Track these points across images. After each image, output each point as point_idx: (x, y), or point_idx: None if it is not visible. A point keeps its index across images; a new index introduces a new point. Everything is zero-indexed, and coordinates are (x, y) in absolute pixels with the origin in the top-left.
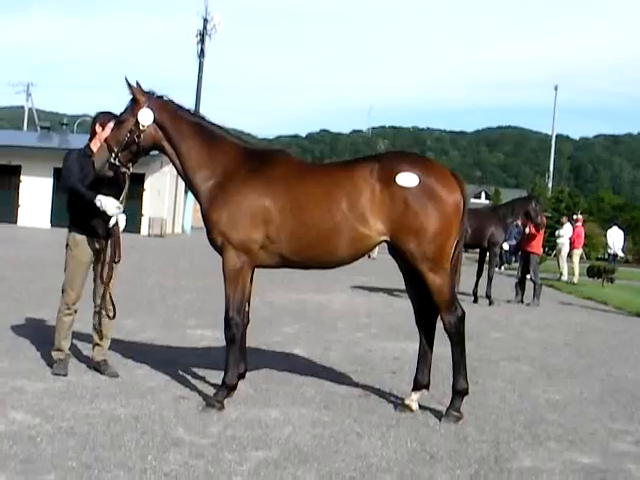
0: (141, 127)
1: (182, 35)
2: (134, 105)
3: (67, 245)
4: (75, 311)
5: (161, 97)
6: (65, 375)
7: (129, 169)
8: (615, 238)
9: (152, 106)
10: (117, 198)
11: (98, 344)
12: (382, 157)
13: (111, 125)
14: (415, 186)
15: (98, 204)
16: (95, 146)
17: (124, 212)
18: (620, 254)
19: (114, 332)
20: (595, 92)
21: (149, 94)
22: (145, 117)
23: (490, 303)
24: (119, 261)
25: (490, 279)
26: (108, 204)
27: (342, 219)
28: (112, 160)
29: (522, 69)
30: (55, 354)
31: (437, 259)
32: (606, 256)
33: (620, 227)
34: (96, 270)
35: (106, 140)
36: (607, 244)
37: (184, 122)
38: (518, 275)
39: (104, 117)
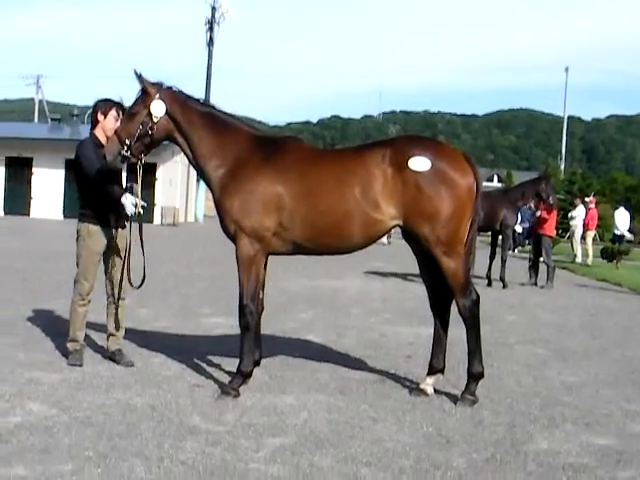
0: (154, 119)
1: (191, 23)
2: (145, 97)
3: (78, 236)
4: (89, 301)
5: (170, 88)
6: (81, 365)
7: (141, 160)
8: (621, 219)
9: (163, 97)
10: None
11: (112, 334)
12: (394, 142)
13: (113, 113)
14: (427, 170)
15: (124, 200)
16: (100, 134)
17: (143, 202)
18: (627, 235)
19: (128, 321)
20: (607, 72)
21: (159, 85)
22: (158, 109)
23: (504, 286)
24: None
25: (503, 262)
26: (128, 203)
27: (355, 205)
28: (124, 152)
29: (533, 51)
30: (70, 345)
31: (451, 243)
32: (612, 237)
33: (627, 208)
34: (108, 260)
35: (116, 132)
36: (614, 225)
37: (194, 112)
38: (531, 258)
39: (105, 105)
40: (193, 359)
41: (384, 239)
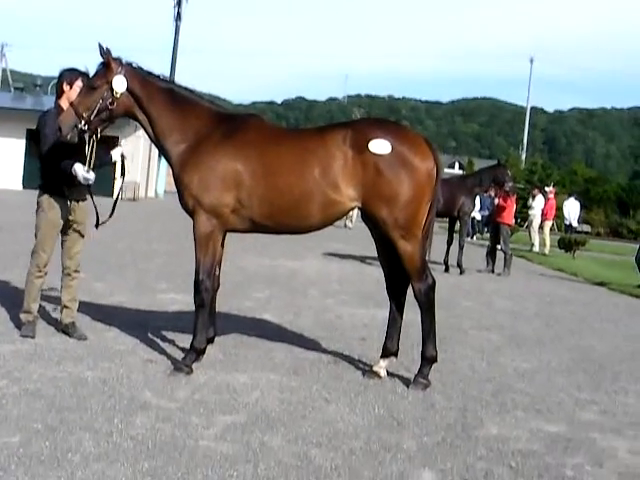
0: (115, 94)
1: None
2: (107, 71)
3: (38, 207)
4: (45, 273)
5: (130, 64)
6: (33, 337)
7: (97, 135)
8: (571, 209)
9: (125, 73)
10: (83, 161)
11: (67, 306)
12: (355, 124)
13: (79, 83)
14: (387, 153)
15: (74, 173)
16: (64, 104)
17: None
18: (575, 224)
19: (84, 295)
20: (570, 66)
21: (119, 60)
22: (119, 84)
23: (461, 272)
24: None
25: (461, 248)
26: (80, 171)
27: (314, 185)
28: (82, 126)
29: (498, 40)
30: (24, 316)
31: (408, 227)
32: (563, 227)
33: (577, 199)
34: (67, 233)
35: (72, 104)
36: (563, 215)
37: (155, 88)
38: (489, 245)
39: (70, 75)
40: (147, 334)
41: (349, 223)
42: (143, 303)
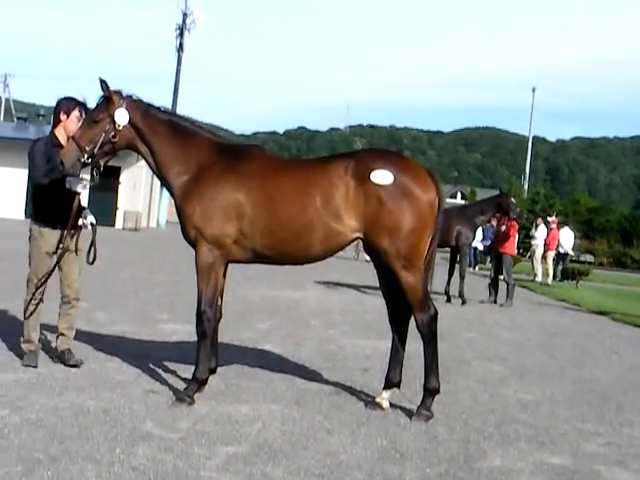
0: (117, 127)
1: (161, 28)
2: (108, 104)
3: (30, 235)
4: (42, 301)
5: (131, 96)
6: (35, 367)
7: (100, 168)
8: (566, 238)
9: (126, 106)
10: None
11: (63, 334)
12: (357, 154)
13: (76, 113)
14: (389, 184)
15: (68, 185)
16: (60, 134)
17: (92, 211)
18: (570, 253)
19: (86, 325)
20: (572, 95)
21: (119, 93)
22: (121, 117)
23: (463, 302)
24: (94, 262)
25: (462, 278)
26: (74, 182)
27: (316, 215)
28: (85, 159)
29: (500, 70)
30: (25, 346)
31: (410, 257)
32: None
33: (571, 229)
34: (62, 261)
35: (74, 138)
36: (559, 243)
37: (156, 120)
38: (491, 275)
39: (68, 104)
40: (149, 364)
41: (366, 255)
42: (145, 333)
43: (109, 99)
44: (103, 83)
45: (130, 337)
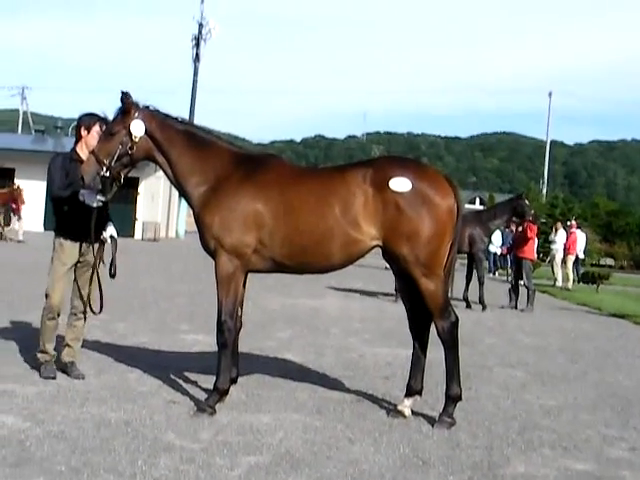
0: (134, 138)
1: (177, 39)
2: (124, 116)
3: (53, 248)
4: (58, 314)
5: (147, 107)
6: (54, 378)
7: (120, 181)
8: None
9: (142, 117)
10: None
11: (68, 345)
12: (375, 162)
13: (97, 129)
14: (408, 191)
15: (81, 198)
16: (81, 150)
17: (114, 223)
18: (581, 256)
19: (106, 336)
20: (589, 98)
21: (136, 104)
22: (137, 128)
23: (483, 308)
24: (114, 275)
25: (481, 284)
26: (87, 196)
27: (335, 224)
28: (103, 172)
29: (517, 75)
30: (41, 356)
31: (430, 264)
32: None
33: (582, 231)
34: (79, 273)
35: (94, 152)
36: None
37: (173, 130)
38: (511, 281)
39: (89, 120)
40: (170, 375)
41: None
42: (165, 344)
43: (125, 111)
44: (125, 95)
45: (150, 348)
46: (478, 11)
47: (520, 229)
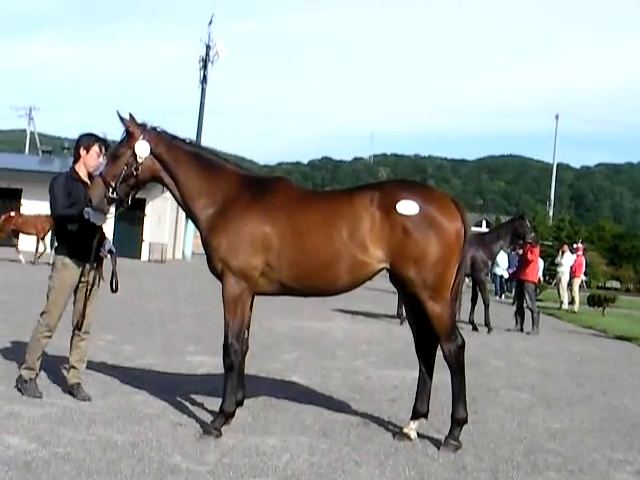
0: (138, 159)
1: (185, 61)
2: (129, 138)
3: (53, 267)
4: (52, 334)
5: (155, 128)
6: (40, 397)
7: (127, 202)
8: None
9: (148, 138)
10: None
11: (74, 367)
12: (382, 185)
13: (96, 149)
14: (415, 214)
15: (86, 216)
16: (80, 169)
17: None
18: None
19: (112, 358)
20: (596, 121)
21: (143, 125)
22: (142, 149)
23: (489, 331)
24: (117, 290)
25: (486, 306)
26: (92, 215)
27: (342, 247)
28: (110, 194)
29: (523, 98)
30: (26, 373)
31: (437, 287)
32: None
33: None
34: (79, 293)
35: (101, 175)
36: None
37: (181, 152)
38: (515, 303)
39: (88, 140)
40: (176, 397)
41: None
42: (172, 366)
43: (130, 132)
44: (121, 117)
45: (157, 370)
46: (485, 34)
47: (520, 251)
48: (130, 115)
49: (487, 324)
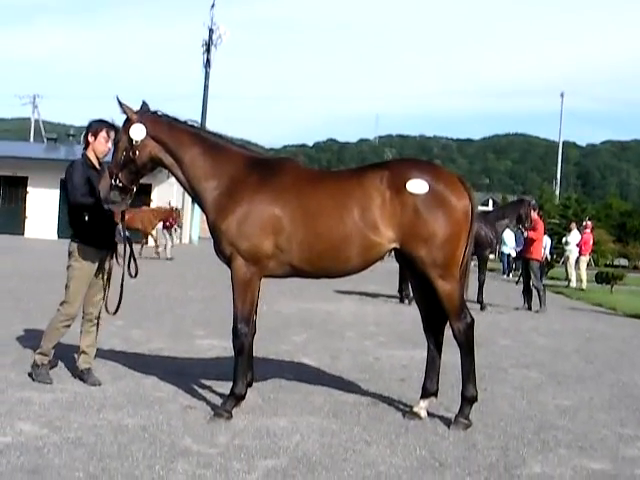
0: (134, 143)
1: (188, 45)
2: (127, 123)
3: (71, 256)
4: (72, 322)
5: (155, 112)
6: (51, 383)
7: (133, 189)
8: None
9: (144, 121)
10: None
11: (84, 352)
12: (391, 164)
13: (104, 134)
14: (425, 193)
15: (106, 207)
16: (91, 155)
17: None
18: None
19: (122, 343)
20: (601, 98)
21: (143, 110)
22: (136, 132)
23: (482, 308)
24: (137, 275)
25: (481, 285)
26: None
27: (353, 228)
28: (114, 182)
29: (528, 76)
30: (39, 358)
31: (447, 266)
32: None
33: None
34: (92, 279)
35: (108, 165)
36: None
37: (183, 133)
38: (520, 282)
39: (96, 126)
40: (186, 381)
41: None
42: (181, 349)
43: (128, 118)
44: (120, 102)
45: (166, 354)
46: (490, 13)
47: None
48: (119, 101)
49: (480, 302)
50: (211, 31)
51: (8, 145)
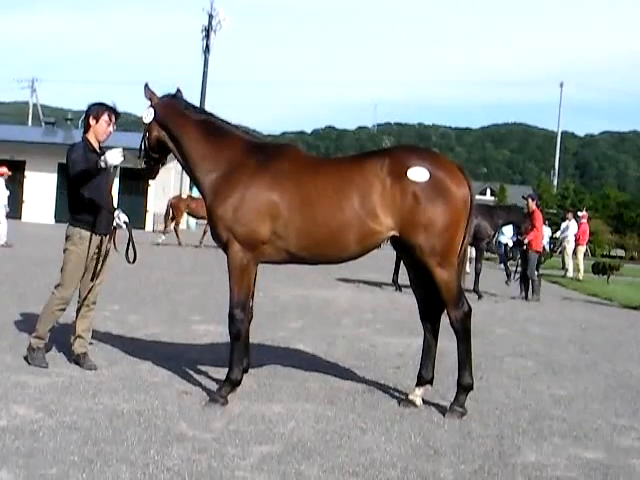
0: (144, 126)
1: (187, 31)
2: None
3: (69, 240)
4: (67, 306)
5: (174, 96)
6: (46, 367)
7: (154, 170)
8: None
9: (155, 105)
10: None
11: (80, 336)
12: (392, 151)
13: (105, 118)
14: (425, 180)
15: (103, 164)
16: (92, 139)
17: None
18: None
19: (118, 328)
20: (600, 89)
21: (166, 96)
22: (146, 116)
23: (479, 297)
24: (135, 260)
25: (477, 274)
26: (110, 156)
27: (352, 215)
28: (140, 165)
29: (527, 65)
30: (35, 342)
31: (445, 254)
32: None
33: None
34: (89, 265)
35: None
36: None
37: (187, 118)
38: (517, 271)
39: (97, 109)
40: (182, 366)
41: None
42: (177, 335)
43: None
44: (146, 88)
45: (162, 339)
46: (489, 2)
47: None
48: (145, 85)
49: (476, 291)
50: (210, 17)
51: (6, 129)
